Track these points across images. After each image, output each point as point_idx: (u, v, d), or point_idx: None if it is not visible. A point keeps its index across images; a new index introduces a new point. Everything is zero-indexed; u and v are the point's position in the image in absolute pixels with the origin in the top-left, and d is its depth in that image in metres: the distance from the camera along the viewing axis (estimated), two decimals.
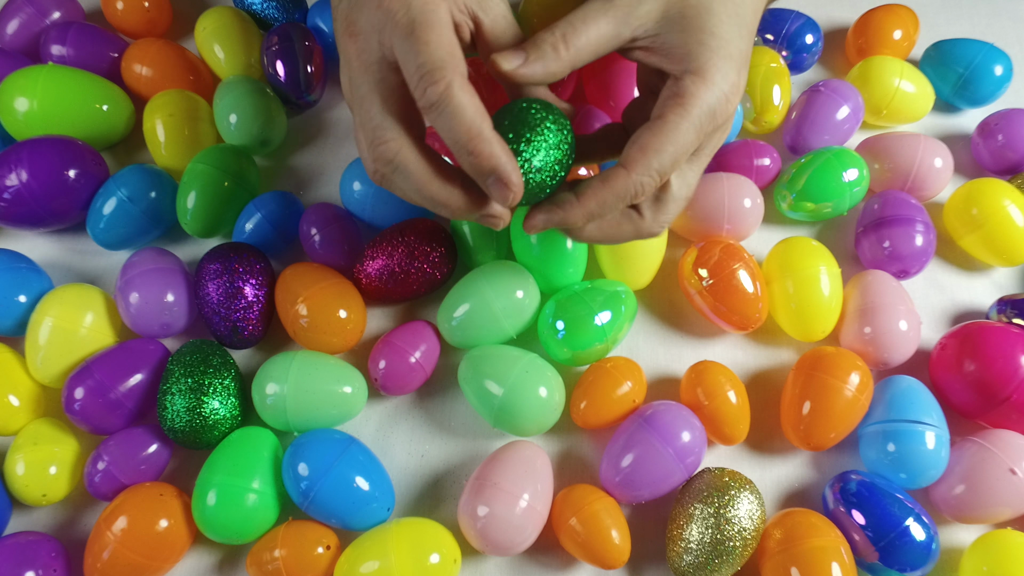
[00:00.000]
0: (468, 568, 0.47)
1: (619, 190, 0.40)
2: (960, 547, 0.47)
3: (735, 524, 0.44)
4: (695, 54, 0.39)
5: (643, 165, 0.39)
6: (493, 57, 0.39)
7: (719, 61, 0.40)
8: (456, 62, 0.37)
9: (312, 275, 0.51)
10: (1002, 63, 0.59)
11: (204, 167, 0.53)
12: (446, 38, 0.38)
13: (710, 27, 0.40)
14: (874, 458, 0.47)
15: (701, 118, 0.39)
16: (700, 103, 0.39)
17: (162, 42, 0.60)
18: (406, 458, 0.51)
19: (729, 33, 0.40)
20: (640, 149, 0.39)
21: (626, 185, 0.40)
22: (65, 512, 0.49)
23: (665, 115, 0.39)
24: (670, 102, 0.39)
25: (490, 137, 0.37)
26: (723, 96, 0.40)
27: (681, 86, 0.39)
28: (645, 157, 0.39)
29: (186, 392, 0.47)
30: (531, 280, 0.51)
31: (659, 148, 0.39)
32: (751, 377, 0.53)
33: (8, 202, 0.53)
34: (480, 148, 0.37)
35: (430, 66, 0.37)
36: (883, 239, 0.53)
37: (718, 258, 0.51)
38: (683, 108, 0.39)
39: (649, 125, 0.40)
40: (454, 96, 0.36)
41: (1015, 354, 0.47)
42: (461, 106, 0.37)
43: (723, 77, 0.40)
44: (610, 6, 0.40)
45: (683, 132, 0.39)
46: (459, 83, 0.37)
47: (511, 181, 0.38)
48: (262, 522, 0.46)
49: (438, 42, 0.37)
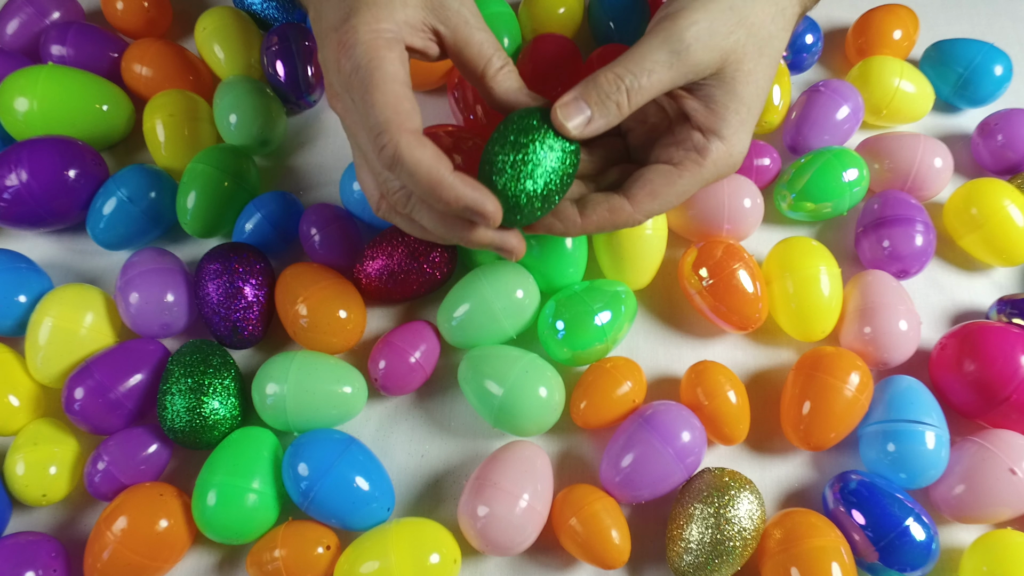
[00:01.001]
0: (468, 568, 0.47)
1: (619, 222, 0.43)
2: (960, 547, 0.47)
3: (735, 524, 0.44)
4: (729, 120, 0.42)
5: (647, 207, 0.42)
6: (554, 115, 0.40)
7: (744, 133, 0.43)
8: (402, 118, 0.38)
9: (312, 275, 0.51)
10: (1002, 63, 0.59)
11: (204, 167, 0.53)
12: (391, 94, 0.38)
13: (747, 98, 0.42)
14: (874, 458, 0.47)
15: (710, 179, 0.43)
16: (716, 166, 0.42)
17: (162, 42, 0.60)
18: (406, 458, 0.51)
19: (757, 106, 0.43)
20: (650, 194, 0.42)
21: (627, 219, 0.43)
22: (65, 512, 0.49)
23: (682, 168, 0.42)
24: (692, 155, 0.42)
25: (451, 182, 0.38)
26: (735, 163, 0.43)
27: (706, 146, 0.42)
28: (652, 201, 0.42)
29: (186, 392, 0.47)
30: (531, 280, 0.51)
31: (666, 196, 0.42)
32: (751, 377, 0.53)
33: (8, 202, 0.53)
34: (446, 195, 0.38)
35: (378, 128, 0.38)
36: (883, 239, 0.53)
37: (718, 258, 0.51)
38: (701, 168, 0.42)
39: (664, 171, 0.42)
40: (404, 155, 0.37)
41: (1015, 354, 0.47)
42: (414, 161, 0.37)
43: (742, 148, 0.43)
44: (676, 60, 0.40)
45: (691, 188, 0.43)
46: (406, 141, 0.37)
47: (486, 211, 0.38)
48: (262, 522, 0.46)
49: (384, 101, 0.38)
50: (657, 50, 0.40)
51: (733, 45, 0.41)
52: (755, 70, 0.42)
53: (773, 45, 0.43)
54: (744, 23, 0.41)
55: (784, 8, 0.43)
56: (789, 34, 0.44)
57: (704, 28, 0.40)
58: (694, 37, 0.40)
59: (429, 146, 0.38)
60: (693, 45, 0.40)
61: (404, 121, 0.38)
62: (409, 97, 0.38)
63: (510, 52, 0.61)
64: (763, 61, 0.42)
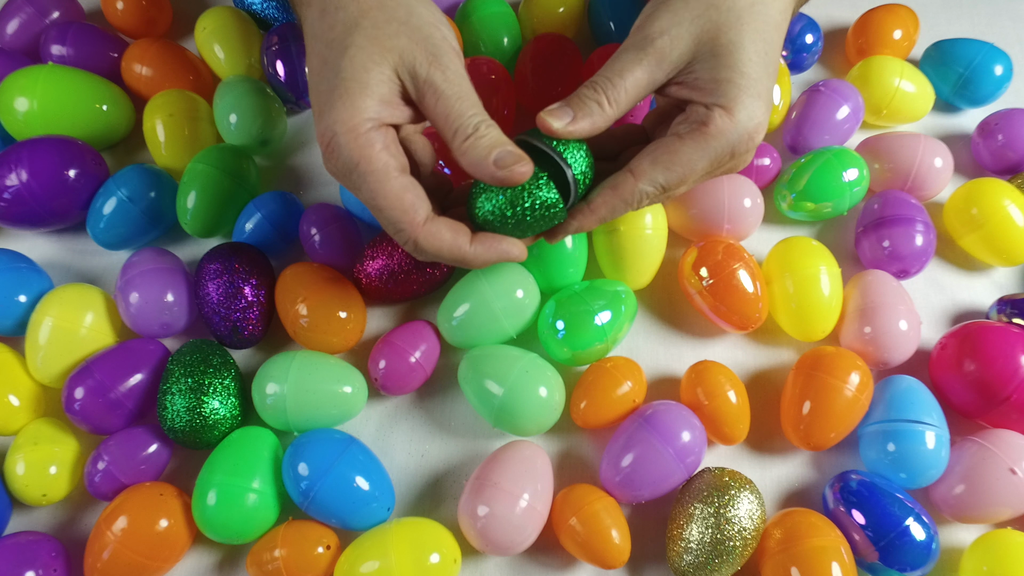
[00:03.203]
0: (468, 568, 0.47)
1: (626, 196, 0.42)
2: (960, 547, 0.47)
3: (735, 524, 0.44)
4: (724, 90, 0.41)
5: (650, 176, 0.41)
6: (541, 116, 0.40)
7: (747, 99, 0.41)
8: (411, 215, 0.40)
9: (312, 275, 0.51)
10: (1002, 63, 0.59)
11: (204, 167, 0.53)
12: (392, 194, 0.40)
13: (740, 65, 0.41)
14: (874, 458, 0.47)
15: (719, 150, 0.41)
16: (721, 136, 0.41)
17: (162, 42, 0.60)
18: (406, 458, 0.51)
19: (758, 72, 0.41)
20: (651, 161, 0.41)
21: (632, 191, 0.42)
22: (65, 512, 0.49)
23: (684, 137, 0.41)
24: (694, 127, 0.41)
25: (474, 255, 0.41)
26: (746, 134, 0.41)
27: (708, 115, 0.41)
28: (654, 170, 0.41)
29: (186, 392, 0.47)
30: (531, 280, 0.51)
31: (669, 165, 0.41)
32: (751, 377, 0.53)
33: (8, 202, 0.53)
34: (472, 264, 0.42)
35: (393, 228, 0.41)
36: (883, 239, 0.53)
37: (718, 258, 0.51)
38: (704, 137, 0.41)
39: (666, 141, 0.42)
40: (424, 247, 0.41)
41: (1015, 354, 0.47)
42: (436, 249, 0.41)
43: (749, 116, 0.41)
44: (643, 55, 0.41)
45: (697, 159, 0.41)
46: (423, 235, 0.40)
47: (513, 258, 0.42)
48: (262, 522, 0.46)
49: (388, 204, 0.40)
50: (625, 52, 0.41)
51: (704, 25, 0.41)
52: (737, 39, 0.41)
53: (757, 11, 0.42)
54: (713, 4, 0.41)
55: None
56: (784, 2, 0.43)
57: (667, 21, 0.41)
58: (658, 31, 0.41)
59: (444, 229, 0.40)
60: (657, 39, 0.41)
61: (414, 216, 0.40)
62: (409, 186, 0.40)
63: (510, 52, 0.61)
64: (746, 29, 0.41)
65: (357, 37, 0.40)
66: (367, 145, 0.39)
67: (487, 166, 0.39)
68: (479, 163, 0.39)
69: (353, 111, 0.39)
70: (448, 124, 0.40)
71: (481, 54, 0.61)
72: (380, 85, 0.39)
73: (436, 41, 0.40)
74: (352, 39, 0.40)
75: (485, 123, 0.40)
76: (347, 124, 0.39)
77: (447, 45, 0.41)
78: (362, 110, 0.39)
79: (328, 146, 0.40)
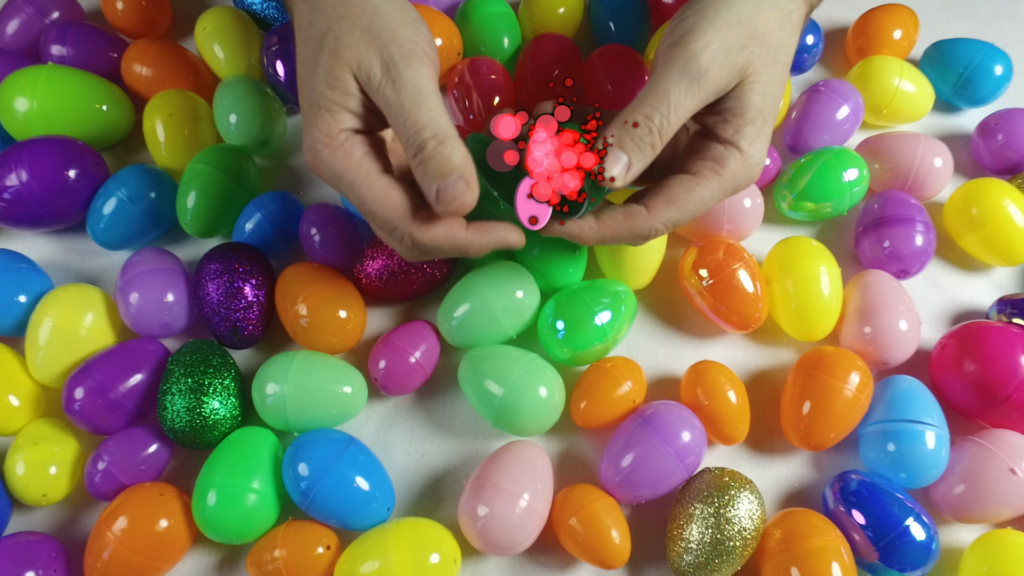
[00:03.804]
0: (468, 568, 0.47)
1: (636, 229, 0.43)
2: (960, 547, 0.47)
3: (735, 524, 0.44)
4: (745, 132, 0.42)
5: (664, 216, 0.42)
6: None
7: (760, 143, 0.43)
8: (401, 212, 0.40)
9: (312, 275, 0.51)
10: (1002, 63, 0.59)
11: (204, 167, 0.53)
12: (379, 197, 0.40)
13: (763, 109, 0.42)
14: (874, 458, 0.47)
15: (729, 189, 0.43)
16: (735, 178, 0.43)
17: (162, 42, 0.60)
18: (406, 458, 0.51)
19: (772, 113, 0.43)
20: (666, 201, 0.42)
21: (644, 227, 0.43)
22: (65, 512, 0.49)
23: (700, 178, 0.42)
24: (710, 164, 0.42)
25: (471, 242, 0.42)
26: (755, 172, 0.43)
27: (724, 157, 0.42)
28: (668, 210, 0.42)
29: (186, 392, 0.47)
30: (531, 280, 0.51)
31: (683, 205, 0.42)
32: (751, 377, 0.53)
33: (8, 202, 0.53)
34: (472, 253, 0.42)
35: (387, 227, 0.41)
36: (883, 239, 0.53)
37: (718, 258, 0.51)
38: (719, 179, 0.42)
39: (682, 180, 0.42)
40: (421, 241, 0.41)
41: (1015, 354, 0.47)
42: (433, 241, 0.41)
43: (759, 157, 0.43)
44: (697, 88, 0.40)
45: (709, 198, 0.43)
46: (418, 230, 0.41)
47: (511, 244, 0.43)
48: (262, 522, 0.46)
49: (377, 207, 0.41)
50: (677, 82, 0.40)
51: (748, 59, 0.41)
52: (770, 80, 0.42)
53: (784, 52, 0.43)
54: (755, 35, 0.41)
55: (790, 12, 0.43)
56: (797, 38, 0.44)
57: (718, 48, 0.40)
58: (710, 60, 0.40)
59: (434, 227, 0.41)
60: (711, 68, 0.40)
61: (404, 212, 0.41)
62: (394, 185, 0.41)
63: (510, 52, 0.61)
64: (776, 70, 0.42)
65: (322, 55, 0.41)
66: (346, 156, 0.40)
67: (431, 195, 0.39)
68: (426, 189, 0.39)
69: (328, 127, 0.40)
70: (402, 139, 0.40)
71: (481, 54, 0.61)
72: (348, 98, 0.40)
73: (397, 45, 0.40)
74: (319, 57, 0.41)
75: (434, 140, 0.38)
76: (324, 140, 0.40)
77: (409, 47, 0.40)
78: (337, 123, 0.40)
79: (313, 162, 0.41)
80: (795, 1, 0.43)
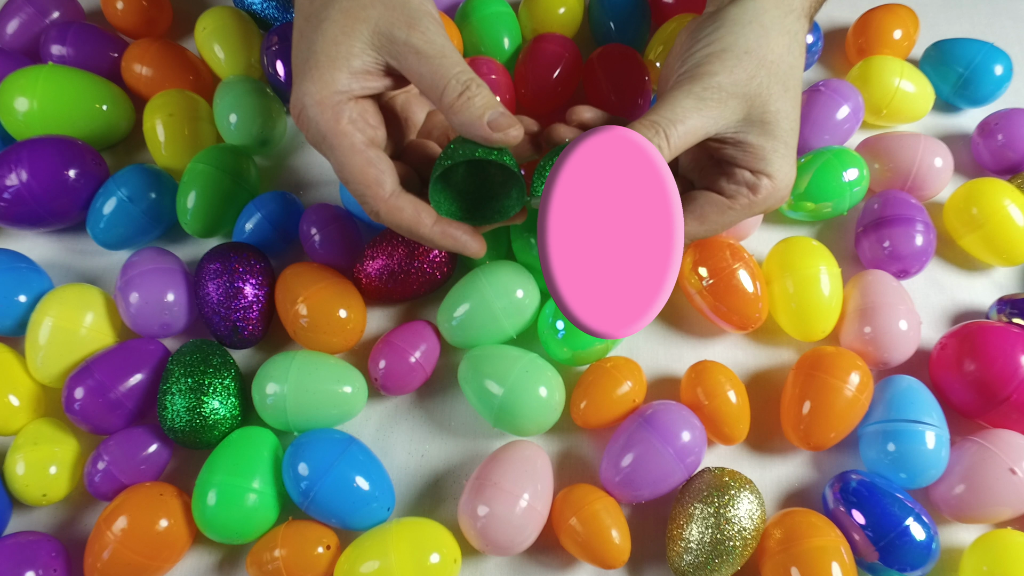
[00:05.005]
0: (468, 568, 0.47)
1: None
2: (960, 547, 0.47)
3: (735, 524, 0.44)
4: (771, 160, 0.43)
5: (693, 231, 0.45)
6: None
7: (788, 167, 0.44)
8: (374, 188, 0.41)
9: (312, 275, 0.51)
10: (1002, 63, 0.59)
11: (204, 167, 0.53)
12: (356, 168, 0.41)
13: (784, 135, 0.43)
14: (874, 458, 0.47)
15: (758, 209, 0.45)
16: (768, 200, 0.44)
17: (162, 42, 0.60)
18: (406, 458, 0.51)
19: (794, 137, 0.44)
20: (699, 219, 0.44)
21: None
22: (65, 512, 0.49)
23: (734, 201, 0.44)
24: (743, 190, 0.44)
25: (430, 235, 0.42)
26: (783, 196, 0.45)
27: (756, 183, 0.43)
28: (699, 227, 0.45)
29: (186, 392, 0.47)
30: (531, 280, 0.51)
31: (713, 224, 0.45)
32: (751, 377, 0.53)
33: (8, 202, 0.53)
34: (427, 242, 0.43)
35: (358, 194, 0.42)
36: (883, 239, 0.53)
37: (718, 258, 0.51)
38: (751, 202, 0.44)
39: (714, 200, 0.44)
40: (385, 219, 0.42)
41: (1015, 354, 0.47)
42: (395, 223, 0.42)
43: (788, 181, 0.44)
44: (702, 105, 0.41)
45: (740, 218, 0.45)
46: (385, 209, 0.41)
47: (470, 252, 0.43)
48: (262, 522, 0.46)
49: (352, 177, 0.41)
50: (684, 99, 0.41)
51: (757, 89, 0.41)
52: (784, 108, 0.42)
53: (794, 76, 0.43)
54: (764, 63, 0.42)
55: (796, 33, 0.44)
56: (804, 58, 0.45)
57: (725, 79, 0.41)
58: (716, 86, 0.41)
59: (407, 205, 0.41)
60: (716, 94, 0.41)
61: (377, 190, 0.41)
62: (373, 161, 0.41)
63: (510, 52, 0.61)
64: (788, 96, 0.43)
65: (332, 11, 0.40)
66: (333, 119, 0.40)
67: (481, 127, 0.39)
68: (472, 123, 0.39)
69: (322, 84, 0.40)
70: (434, 83, 0.40)
71: (481, 54, 0.61)
72: (352, 58, 0.40)
73: (413, 7, 0.40)
74: (327, 12, 0.40)
75: (475, 82, 0.40)
76: (315, 97, 0.40)
77: (424, 11, 0.41)
78: (331, 83, 0.40)
79: (298, 118, 0.41)
80: (800, 21, 0.44)
